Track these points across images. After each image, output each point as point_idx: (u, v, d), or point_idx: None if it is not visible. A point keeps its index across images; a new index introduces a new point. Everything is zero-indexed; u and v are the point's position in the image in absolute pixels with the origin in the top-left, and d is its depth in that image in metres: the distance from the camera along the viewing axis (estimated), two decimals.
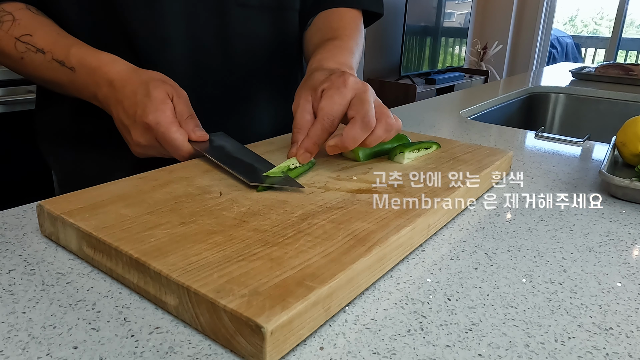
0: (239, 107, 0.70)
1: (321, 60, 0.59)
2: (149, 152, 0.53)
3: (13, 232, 0.43)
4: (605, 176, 0.56)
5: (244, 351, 0.28)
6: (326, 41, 0.65)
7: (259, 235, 0.37)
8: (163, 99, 0.51)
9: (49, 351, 0.29)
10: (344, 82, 0.50)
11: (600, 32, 7.42)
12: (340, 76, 0.51)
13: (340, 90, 0.49)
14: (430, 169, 0.54)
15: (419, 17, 3.63)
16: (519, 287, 0.37)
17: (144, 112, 0.50)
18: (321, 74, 0.53)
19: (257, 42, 0.69)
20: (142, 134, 0.51)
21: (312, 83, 0.53)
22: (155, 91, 0.51)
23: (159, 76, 0.53)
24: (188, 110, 0.53)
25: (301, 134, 0.51)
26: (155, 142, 0.51)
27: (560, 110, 1.46)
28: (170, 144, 0.50)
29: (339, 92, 0.49)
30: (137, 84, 0.51)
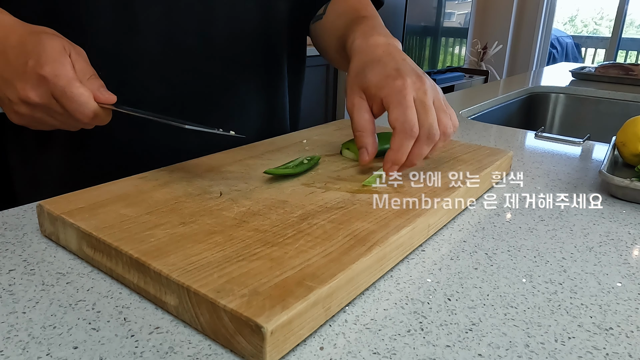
0: (219, 99, 0.66)
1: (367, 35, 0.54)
2: (37, 114, 0.44)
3: (13, 232, 0.43)
4: (605, 176, 0.56)
5: (244, 351, 0.28)
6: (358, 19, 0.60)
7: (259, 235, 0.37)
8: (60, 51, 0.43)
9: (49, 351, 0.29)
10: (404, 86, 0.47)
11: (600, 32, 7.42)
12: (397, 78, 0.47)
13: (403, 95, 0.46)
14: (430, 169, 0.54)
15: (419, 17, 3.63)
16: (519, 287, 0.37)
17: (38, 62, 0.42)
18: (374, 72, 0.49)
19: (241, 28, 0.65)
20: (33, 87, 0.42)
21: (365, 82, 0.49)
22: (50, 42, 0.43)
23: (51, 31, 0.46)
24: (90, 70, 0.46)
25: (366, 136, 0.49)
26: (50, 100, 0.43)
27: (560, 110, 1.46)
28: (73, 100, 0.42)
29: (403, 97, 0.46)
30: (26, 34, 0.44)
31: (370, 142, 0.49)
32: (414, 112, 0.46)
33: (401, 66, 0.49)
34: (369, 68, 0.49)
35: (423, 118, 0.47)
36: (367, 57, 0.51)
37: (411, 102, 0.47)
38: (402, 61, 0.50)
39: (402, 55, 0.51)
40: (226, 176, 0.49)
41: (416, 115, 0.46)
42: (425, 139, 0.47)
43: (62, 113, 0.44)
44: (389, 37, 0.54)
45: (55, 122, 0.45)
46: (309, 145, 0.62)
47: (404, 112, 0.46)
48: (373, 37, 0.54)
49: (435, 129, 0.47)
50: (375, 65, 0.49)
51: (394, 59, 0.50)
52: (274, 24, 0.69)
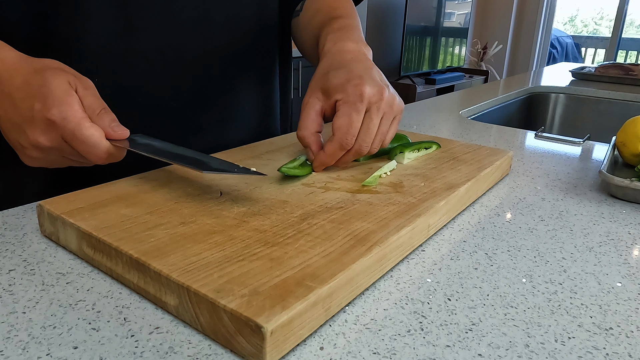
0: (217, 98, 0.65)
1: (337, 40, 0.55)
2: (50, 156, 0.44)
3: (13, 232, 0.43)
4: (605, 176, 0.56)
5: (244, 351, 0.28)
6: (332, 20, 0.60)
7: (259, 235, 0.37)
8: (66, 90, 0.42)
9: (49, 351, 0.29)
10: (361, 96, 0.47)
11: (600, 32, 7.42)
12: (357, 85, 0.48)
13: (357, 105, 0.47)
14: (430, 169, 0.54)
15: (419, 17, 3.63)
16: (519, 287, 0.37)
17: (45, 105, 0.41)
18: (337, 75, 0.49)
19: (238, 27, 0.64)
20: (43, 132, 0.41)
21: (326, 84, 0.50)
22: (55, 80, 0.42)
23: (56, 64, 0.44)
24: (99, 103, 0.44)
25: (307, 136, 0.50)
26: (61, 143, 0.42)
27: (560, 110, 1.46)
28: (84, 143, 0.41)
29: (356, 110, 0.47)
30: (30, 73, 0.42)
31: (312, 141, 0.50)
32: (358, 127, 0.48)
33: (365, 74, 0.49)
34: (334, 71, 0.50)
35: (362, 135, 0.48)
36: (334, 61, 0.52)
37: (361, 115, 0.48)
38: (368, 69, 0.50)
39: (369, 63, 0.52)
40: (226, 176, 0.49)
41: (357, 130, 0.48)
42: (354, 153, 0.49)
43: (75, 154, 0.43)
44: (360, 43, 0.55)
45: (70, 162, 0.45)
46: None
47: (350, 125, 0.47)
48: (343, 42, 0.54)
49: (366, 147, 0.49)
50: (340, 69, 0.50)
51: (361, 66, 0.50)
52: (267, 21, 0.68)
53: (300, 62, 2.76)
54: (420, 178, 0.51)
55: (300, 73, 2.79)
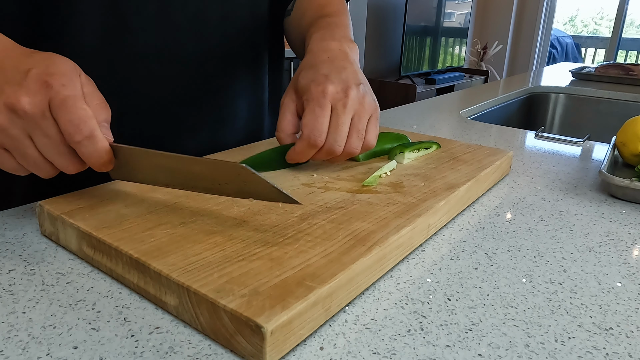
0: (212, 97, 0.64)
1: (321, 39, 0.55)
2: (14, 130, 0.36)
3: (13, 232, 0.43)
4: (605, 176, 0.56)
5: (244, 351, 0.28)
6: (319, 19, 0.61)
7: (259, 235, 0.37)
8: (72, 68, 0.39)
9: (49, 351, 0.29)
10: (322, 93, 0.47)
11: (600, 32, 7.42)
12: (319, 84, 0.48)
13: (320, 102, 0.47)
14: (430, 169, 0.54)
15: (419, 17, 3.63)
16: (519, 287, 0.37)
17: (46, 70, 0.37)
18: (305, 75, 0.50)
19: (233, 26, 0.64)
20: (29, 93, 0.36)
21: (296, 85, 0.51)
22: (60, 58, 0.39)
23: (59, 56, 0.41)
24: (99, 96, 0.41)
25: (284, 137, 0.51)
26: (43, 113, 0.36)
27: (560, 110, 1.46)
28: (73, 113, 0.36)
29: (319, 105, 0.47)
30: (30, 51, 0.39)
31: (288, 141, 0.51)
32: (323, 123, 0.47)
33: (332, 73, 0.49)
34: (305, 71, 0.50)
35: (331, 132, 0.47)
36: (310, 61, 0.52)
37: (326, 112, 0.47)
38: (338, 69, 0.50)
39: (344, 62, 0.51)
40: None
41: (326, 126, 0.47)
42: (325, 152, 0.48)
43: (49, 135, 0.37)
44: (343, 41, 0.54)
45: (30, 151, 0.37)
46: None
47: (314, 121, 0.47)
48: (326, 41, 0.54)
49: (338, 146, 0.48)
50: (309, 69, 0.50)
51: (331, 66, 0.50)
52: (259, 21, 0.68)
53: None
54: (420, 178, 0.51)
55: None
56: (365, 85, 0.51)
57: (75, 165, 0.39)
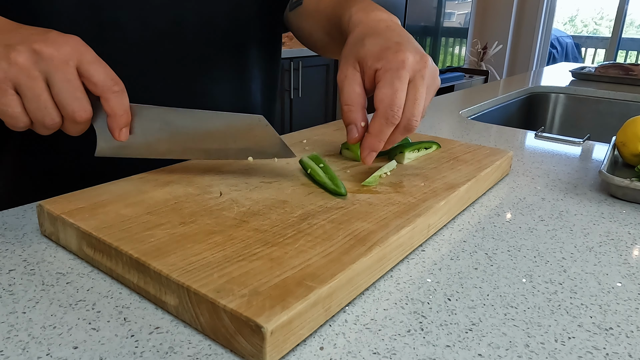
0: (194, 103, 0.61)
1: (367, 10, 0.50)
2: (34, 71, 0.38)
3: (13, 232, 0.43)
4: (605, 176, 0.56)
5: (244, 351, 0.28)
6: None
7: (259, 235, 0.37)
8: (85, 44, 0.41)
9: (49, 351, 0.29)
10: (402, 63, 0.42)
11: (600, 32, 7.42)
12: (397, 52, 0.43)
13: (399, 73, 0.42)
14: (430, 169, 0.54)
15: (419, 17, 3.63)
16: (519, 287, 0.37)
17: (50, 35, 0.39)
18: (374, 42, 0.45)
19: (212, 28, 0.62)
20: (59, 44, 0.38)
21: (362, 52, 0.45)
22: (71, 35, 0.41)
23: None
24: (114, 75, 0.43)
25: (355, 111, 0.45)
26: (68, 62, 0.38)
27: (560, 110, 1.46)
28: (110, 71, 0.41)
29: (398, 77, 0.42)
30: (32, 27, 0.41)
31: (359, 117, 0.45)
32: (402, 97, 0.42)
33: (404, 41, 0.44)
34: (369, 38, 0.45)
35: (409, 107, 0.43)
36: (368, 29, 0.47)
37: (405, 84, 0.43)
38: (406, 37, 0.46)
39: (405, 32, 0.47)
40: (226, 176, 0.49)
41: (403, 100, 0.43)
42: (402, 129, 0.44)
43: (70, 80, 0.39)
44: (390, 14, 0.50)
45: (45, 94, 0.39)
46: (309, 145, 0.62)
47: (394, 95, 0.42)
48: (374, 12, 0.49)
49: (415, 122, 0.43)
50: (376, 36, 0.45)
51: (397, 34, 0.46)
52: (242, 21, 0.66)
53: (300, 62, 2.77)
54: (420, 178, 0.51)
55: (300, 73, 2.79)
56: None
57: (86, 112, 0.40)
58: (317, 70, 2.96)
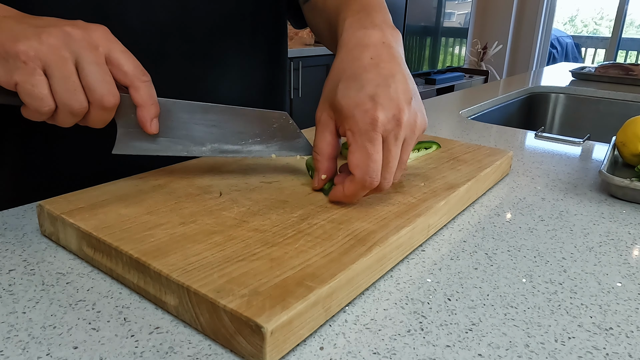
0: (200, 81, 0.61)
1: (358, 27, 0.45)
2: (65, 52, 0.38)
3: (13, 232, 0.43)
4: (605, 176, 0.56)
5: (244, 351, 0.28)
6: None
7: (259, 235, 0.37)
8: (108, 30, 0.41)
9: (49, 351, 0.29)
10: (373, 125, 0.39)
11: (600, 32, 7.42)
12: (367, 111, 0.39)
13: (370, 136, 0.39)
14: (430, 169, 0.54)
15: (419, 17, 3.64)
16: (519, 287, 0.37)
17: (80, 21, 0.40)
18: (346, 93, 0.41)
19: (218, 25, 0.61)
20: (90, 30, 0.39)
21: (335, 102, 0.42)
22: None
23: None
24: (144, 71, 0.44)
25: (322, 161, 0.44)
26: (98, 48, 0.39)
27: (560, 110, 1.46)
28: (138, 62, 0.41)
29: (370, 140, 0.39)
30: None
31: (323, 168, 0.44)
32: (377, 161, 0.40)
33: (379, 91, 0.40)
34: (344, 84, 0.42)
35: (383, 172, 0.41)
36: (348, 64, 0.43)
37: (378, 145, 0.40)
38: (386, 79, 0.41)
39: (392, 65, 0.42)
40: (226, 176, 0.49)
41: (380, 164, 0.40)
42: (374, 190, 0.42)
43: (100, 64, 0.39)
44: (385, 28, 0.45)
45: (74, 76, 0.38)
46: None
47: (368, 160, 0.40)
48: (364, 29, 0.44)
49: (388, 182, 0.42)
50: (351, 82, 0.41)
51: (377, 75, 0.41)
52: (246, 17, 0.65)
53: (300, 62, 2.77)
54: (420, 178, 0.51)
55: (300, 73, 2.79)
56: (415, 97, 0.43)
57: (115, 97, 0.40)
58: (317, 70, 2.96)
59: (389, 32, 0.45)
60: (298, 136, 0.48)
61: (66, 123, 0.40)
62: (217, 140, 0.46)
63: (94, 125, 0.41)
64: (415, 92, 0.44)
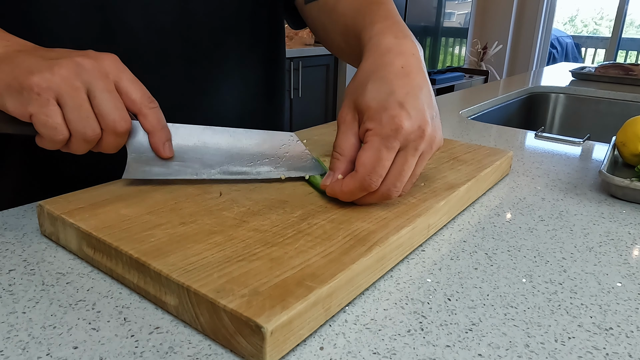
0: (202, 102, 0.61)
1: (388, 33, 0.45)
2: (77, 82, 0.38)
3: (13, 232, 0.43)
4: (605, 176, 0.56)
5: (244, 351, 0.28)
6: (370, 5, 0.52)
7: (259, 235, 0.37)
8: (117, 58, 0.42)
9: (49, 351, 0.29)
10: (396, 131, 0.39)
11: (600, 32, 7.43)
12: (394, 117, 0.39)
13: (389, 142, 0.39)
14: (430, 169, 0.54)
15: (419, 17, 3.64)
16: (519, 287, 0.37)
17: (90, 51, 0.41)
18: (374, 95, 0.40)
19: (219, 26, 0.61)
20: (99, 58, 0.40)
21: (361, 101, 0.41)
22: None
23: None
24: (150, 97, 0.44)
25: (340, 161, 0.42)
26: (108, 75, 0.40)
27: (560, 110, 1.46)
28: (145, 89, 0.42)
29: (386, 146, 0.39)
30: None
31: (341, 169, 0.42)
32: (386, 166, 0.40)
33: (409, 100, 0.40)
34: (372, 84, 0.41)
35: (392, 177, 0.40)
36: (379, 67, 0.42)
37: (392, 153, 0.40)
38: (415, 90, 0.41)
39: (420, 78, 0.42)
40: None
41: (386, 170, 0.40)
42: (379, 196, 0.41)
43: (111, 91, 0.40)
44: (415, 42, 0.45)
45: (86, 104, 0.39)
46: (309, 146, 0.62)
47: (377, 163, 0.39)
48: (398, 38, 0.44)
49: (396, 191, 0.41)
50: (381, 83, 0.41)
51: (407, 84, 0.41)
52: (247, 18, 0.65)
53: (300, 62, 2.77)
54: (420, 178, 0.51)
55: (301, 73, 2.79)
56: (436, 114, 0.43)
57: (127, 122, 0.41)
58: (317, 70, 2.96)
59: (417, 43, 0.45)
60: (306, 156, 0.49)
61: (80, 150, 0.41)
62: (225, 162, 0.47)
63: (106, 151, 0.42)
64: (436, 109, 0.44)
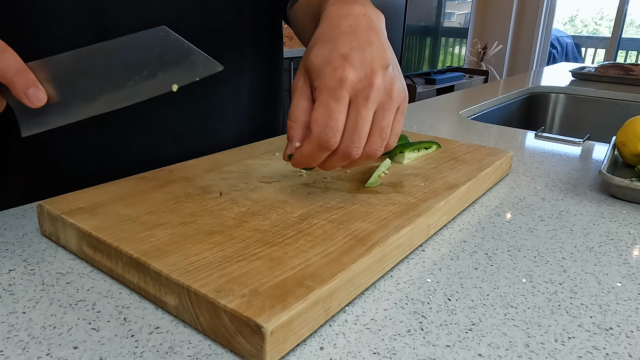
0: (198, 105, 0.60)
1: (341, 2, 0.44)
2: None
3: (13, 232, 0.43)
4: (605, 176, 0.56)
5: (244, 351, 0.28)
6: None
7: (259, 235, 0.37)
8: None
9: (49, 351, 0.29)
10: (340, 81, 0.38)
11: (600, 32, 7.42)
12: (336, 68, 0.38)
13: (335, 93, 0.37)
14: (430, 169, 0.54)
15: (419, 17, 3.64)
16: (519, 287, 0.37)
17: None
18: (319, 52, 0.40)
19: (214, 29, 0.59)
20: None
21: (307, 63, 0.40)
22: None
23: None
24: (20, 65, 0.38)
25: (295, 129, 0.40)
26: None
27: (560, 110, 1.46)
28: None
29: (334, 97, 0.38)
30: None
31: (300, 136, 0.40)
32: (338, 120, 0.38)
33: (353, 52, 0.39)
34: (318, 45, 0.40)
35: (348, 132, 0.38)
36: (326, 31, 0.41)
37: (343, 105, 0.38)
38: (362, 44, 0.39)
39: (370, 34, 0.41)
40: (226, 176, 0.49)
41: (341, 124, 0.38)
42: (340, 156, 0.39)
43: None
44: (368, 6, 0.43)
45: None
46: None
47: (328, 118, 0.37)
48: (348, 5, 0.43)
49: (356, 149, 0.39)
50: (326, 42, 0.40)
51: (353, 39, 0.39)
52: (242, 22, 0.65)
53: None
54: (420, 178, 0.51)
55: None
56: (394, 66, 0.41)
57: None
58: None
59: (372, 9, 0.43)
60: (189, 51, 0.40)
61: None
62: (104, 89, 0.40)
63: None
64: (395, 63, 0.41)
